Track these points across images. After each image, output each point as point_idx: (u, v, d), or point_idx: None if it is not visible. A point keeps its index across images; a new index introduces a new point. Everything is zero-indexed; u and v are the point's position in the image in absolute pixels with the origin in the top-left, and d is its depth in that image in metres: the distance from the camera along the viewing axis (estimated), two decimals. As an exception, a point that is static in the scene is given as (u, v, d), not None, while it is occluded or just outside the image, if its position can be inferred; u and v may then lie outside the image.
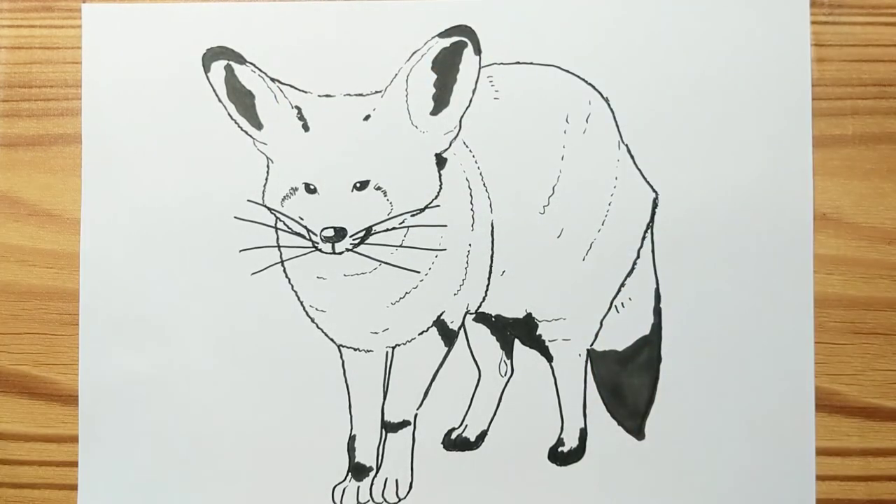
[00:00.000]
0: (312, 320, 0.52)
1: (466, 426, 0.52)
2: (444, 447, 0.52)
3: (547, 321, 0.52)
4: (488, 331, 0.53)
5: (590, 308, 0.52)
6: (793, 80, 0.51)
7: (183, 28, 0.52)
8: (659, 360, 0.52)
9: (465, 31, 0.51)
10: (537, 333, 0.52)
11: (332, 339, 0.52)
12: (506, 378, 0.52)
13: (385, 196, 0.50)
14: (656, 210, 0.51)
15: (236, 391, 0.52)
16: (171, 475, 0.52)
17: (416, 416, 0.52)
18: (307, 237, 0.50)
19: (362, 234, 0.50)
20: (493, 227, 0.51)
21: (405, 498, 0.52)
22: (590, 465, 0.52)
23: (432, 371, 0.52)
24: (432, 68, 0.50)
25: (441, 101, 0.50)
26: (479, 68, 0.51)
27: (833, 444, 0.51)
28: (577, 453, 0.52)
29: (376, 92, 0.51)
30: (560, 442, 0.52)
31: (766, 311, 0.51)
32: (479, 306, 0.52)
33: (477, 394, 0.52)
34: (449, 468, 0.52)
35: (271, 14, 0.52)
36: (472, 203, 0.51)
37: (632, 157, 0.51)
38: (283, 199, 0.50)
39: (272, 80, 0.50)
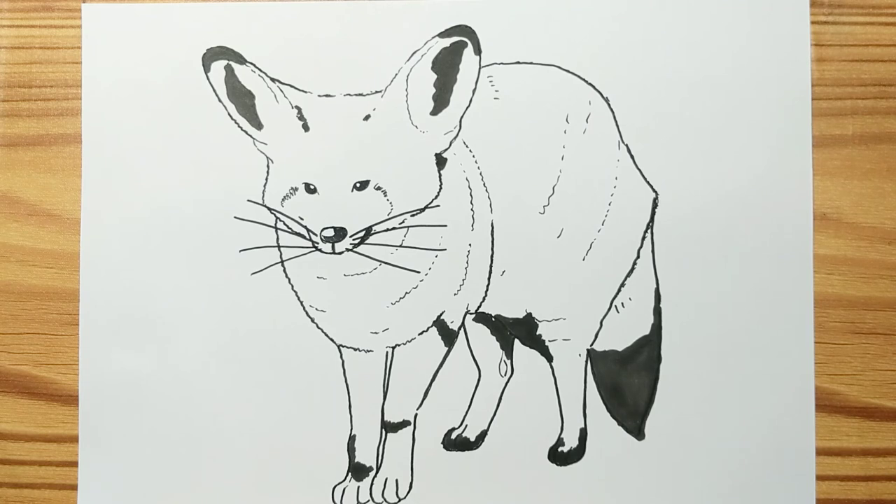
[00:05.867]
0: (312, 320, 0.52)
1: (466, 426, 0.52)
2: (444, 447, 0.52)
3: (547, 321, 0.52)
4: (488, 331, 0.53)
5: (590, 308, 0.52)
6: (793, 80, 0.51)
7: (183, 28, 0.52)
8: (659, 360, 0.52)
9: (465, 31, 0.51)
10: (537, 333, 0.52)
11: (332, 339, 0.52)
12: (506, 378, 0.52)
13: (385, 196, 0.50)
14: (656, 210, 0.51)
15: (236, 391, 0.52)
16: (170, 475, 0.52)
17: (416, 416, 0.52)
18: (307, 237, 0.50)
19: (362, 234, 0.50)
20: (493, 227, 0.51)
21: (405, 498, 0.52)
22: (590, 465, 0.52)
23: (432, 371, 0.52)
24: (432, 68, 0.50)
25: (441, 101, 0.50)
26: (479, 68, 0.51)
27: (833, 444, 0.51)
28: (577, 453, 0.52)
29: (376, 92, 0.51)
30: (560, 442, 0.52)
31: (766, 311, 0.51)
32: (479, 306, 0.52)
33: (477, 394, 0.52)
34: (449, 468, 0.52)
35: (271, 14, 0.52)
36: (472, 203, 0.51)
37: (632, 157, 0.51)
38: (283, 199, 0.50)
39: (272, 80, 0.50)
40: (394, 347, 0.52)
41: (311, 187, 0.50)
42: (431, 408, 0.52)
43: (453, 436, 0.52)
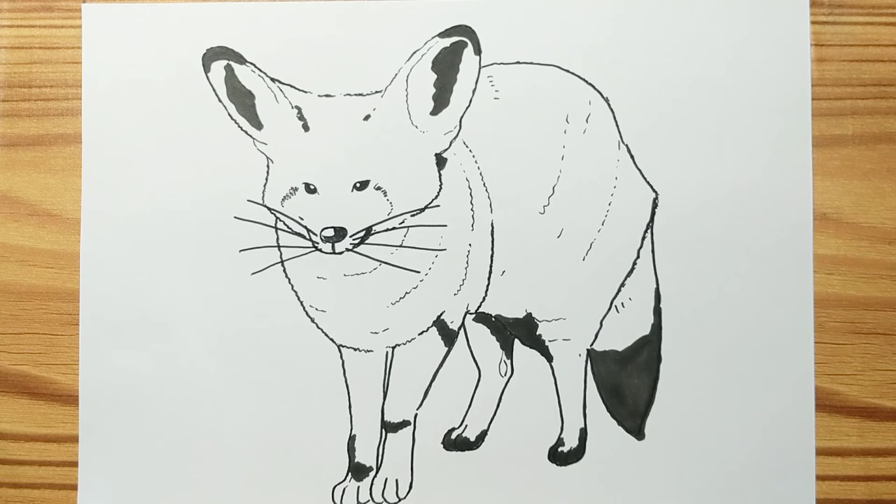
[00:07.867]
0: (312, 320, 0.52)
1: (466, 426, 0.52)
2: (444, 447, 0.52)
3: (547, 321, 0.52)
4: (488, 331, 0.53)
5: (590, 308, 0.52)
6: (793, 80, 0.51)
7: (183, 28, 0.52)
8: (659, 360, 0.52)
9: (465, 31, 0.51)
10: (537, 333, 0.52)
11: (332, 339, 0.52)
12: (506, 378, 0.52)
13: (385, 196, 0.50)
14: (656, 210, 0.51)
15: (236, 391, 0.52)
16: (170, 475, 0.52)
17: (416, 416, 0.52)
18: (307, 237, 0.50)
19: (362, 234, 0.50)
20: (493, 227, 0.51)
21: (405, 498, 0.52)
22: (590, 465, 0.52)
23: (432, 371, 0.52)
24: (432, 68, 0.50)
25: (441, 101, 0.50)
26: (479, 68, 0.51)
27: (833, 444, 0.51)
28: (577, 453, 0.52)
29: (376, 92, 0.51)
30: (560, 442, 0.52)
31: (766, 312, 0.51)
32: (479, 306, 0.52)
33: (477, 394, 0.52)
34: (449, 468, 0.52)
35: (271, 14, 0.52)
36: (472, 203, 0.51)
37: (632, 157, 0.51)
38: (283, 199, 0.50)
39: (272, 80, 0.50)
40: (394, 347, 0.52)
41: (311, 187, 0.50)
42: (431, 408, 0.52)
43: (453, 436, 0.52)
